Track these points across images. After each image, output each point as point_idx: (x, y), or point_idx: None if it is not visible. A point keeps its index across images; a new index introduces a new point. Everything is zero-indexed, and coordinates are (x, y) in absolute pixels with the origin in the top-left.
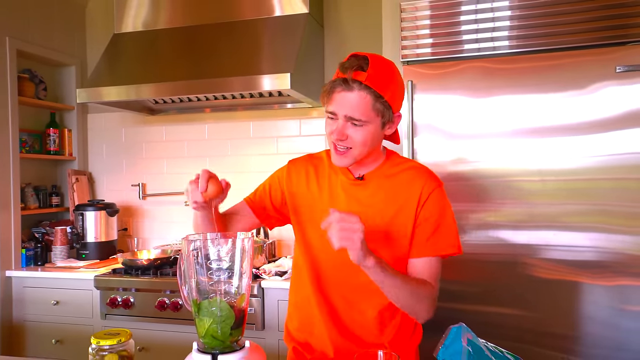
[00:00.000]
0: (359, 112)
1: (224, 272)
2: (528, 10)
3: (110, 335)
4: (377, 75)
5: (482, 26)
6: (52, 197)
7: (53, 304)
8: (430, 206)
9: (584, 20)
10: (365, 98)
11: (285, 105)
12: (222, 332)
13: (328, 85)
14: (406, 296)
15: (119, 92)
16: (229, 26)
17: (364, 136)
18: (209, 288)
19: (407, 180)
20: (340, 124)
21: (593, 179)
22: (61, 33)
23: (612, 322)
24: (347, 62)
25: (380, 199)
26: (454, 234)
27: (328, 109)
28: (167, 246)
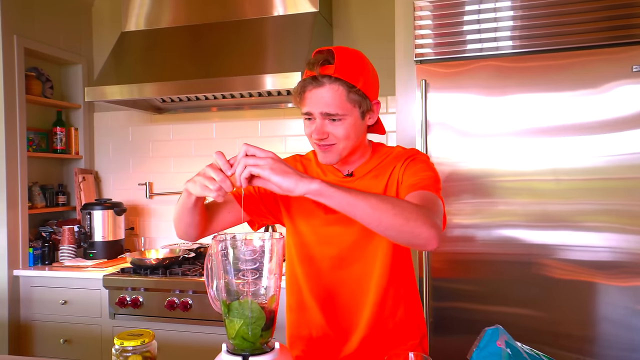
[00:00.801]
0: (334, 107)
1: (253, 272)
2: (543, 9)
3: (134, 336)
4: (345, 65)
5: (497, 25)
6: (59, 196)
7: (61, 303)
8: (413, 161)
9: (600, 19)
10: (337, 90)
11: (289, 104)
12: (253, 334)
13: (298, 86)
14: (385, 212)
15: (127, 91)
16: (238, 24)
17: (346, 129)
18: (239, 289)
19: (392, 161)
20: (319, 123)
21: (608, 179)
22: (68, 31)
23: (627, 322)
24: (313, 59)
25: (370, 187)
26: (438, 185)
27: (303, 110)
28: (174, 245)
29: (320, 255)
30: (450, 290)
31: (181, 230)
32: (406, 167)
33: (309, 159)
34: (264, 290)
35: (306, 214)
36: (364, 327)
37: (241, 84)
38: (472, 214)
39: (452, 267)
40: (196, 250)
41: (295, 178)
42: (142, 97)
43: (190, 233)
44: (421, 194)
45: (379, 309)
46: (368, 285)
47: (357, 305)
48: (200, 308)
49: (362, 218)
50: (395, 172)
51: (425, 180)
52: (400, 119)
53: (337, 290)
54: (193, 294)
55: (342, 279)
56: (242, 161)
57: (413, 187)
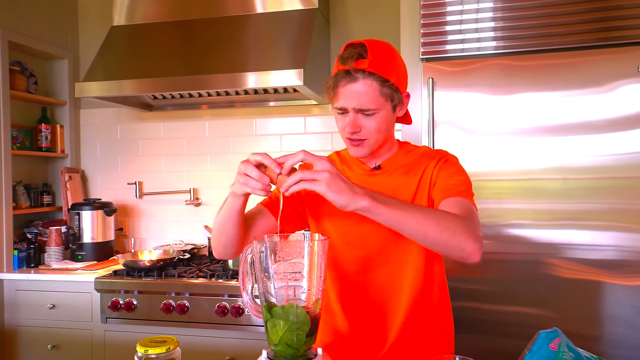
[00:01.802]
0: (367, 102)
1: (296, 275)
2: (549, 8)
3: (157, 343)
4: (378, 59)
5: (504, 24)
6: (44, 196)
7: (49, 307)
8: (447, 164)
9: (607, 19)
10: (371, 86)
11: (287, 102)
12: (298, 340)
13: (331, 81)
14: (431, 227)
15: (119, 87)
16: (232, 20)
17: (378, 124)
18: (281, 292)
19: (423, 160)
20: (352, 117)
21: (615, 178)
22: (53, 25)
23: (633, 321)
24: (346, 53)
25: (400, 183)
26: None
27: (336, 105)
28: (167, 246)
29: (345, 257)
30: (458, 290)
31: (221, 244)
32: (440, 168)
33: (331, 158)
34: (308, 293)
35: (333, 214)
36: (394, 334)
37: (246, 80)
38: (479, 213)
39: (459, 267)
40: (190, 252)
41: (349, 196)
42: (135, 94)
43: (231, 247)
44: (458, 201)
45: (410, 315)
46: (399, 289)
47: (386, 312)
48: (198, 311)
49: (408, 233)
50: (427, 171)
51: (460, 185)
52: None
53: (364, 295)
54: (190, 296)
55: (370, 283)
56: (298, 174)
57: (448, 192)
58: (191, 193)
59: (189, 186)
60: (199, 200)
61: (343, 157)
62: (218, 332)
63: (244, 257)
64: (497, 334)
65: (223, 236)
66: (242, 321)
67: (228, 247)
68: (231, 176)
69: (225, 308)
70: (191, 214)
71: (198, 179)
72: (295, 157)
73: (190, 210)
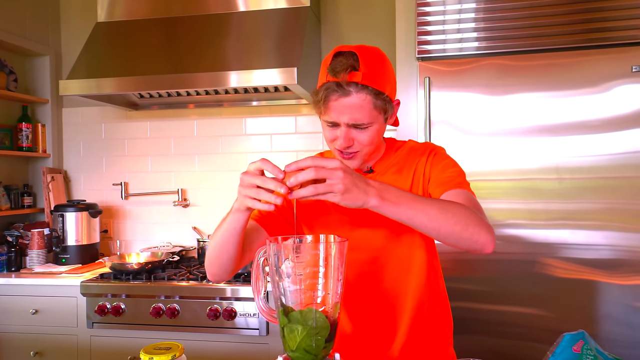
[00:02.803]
0: (361, 116)
1: (314, 278)
2: (545, 8)
3: (162, 350)
4: (371, 70)
5: (499, 24)
6: (24, 197)
7: (31, 312)
8: (439, 157)
9: (600, 20)
10: (365, 99)
11: (277, 101)
12: (317, 346)
13: (322, 94)
14: (444, 220)
15: (107, 85)
16: (228, 17)
17: (371, 137)
18: (297, 296)
19: (412, 155)
20: (344, 132)
21: (609, 177)
22: (34, 20)
23: (628, 320)
24: (336, 64)
25: (394, 183)
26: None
27: (326, 119)
28: (155, 249)
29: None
30: (454, 290)
31: (221, 266)
32: (432, 163)
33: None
34: (326, 297)
35: (329, 224)
36: (403, 333)
37: (238, 79)
38: None
39: (455, 267)
40: (179, 254)
41: (361, 200)
42: (123, 92)
43: (229, 268)
44: (460, 193)
45: (418, 311)
46: (405, 286)
47: (394, 310)
48: (188, 314)
49: (421, 228)
50: (419, 167)
51: (456, 177)
52: (401, 117)
53: (370, 297)
54: (180, 299)
55: (375, 284)
56: (311, 188)
57: (446, 184)
58: (179, 194)
59: (176, 187)
60: (187, 201)
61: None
62: (210, 336)
63: (257, 260)
64: (493, 334)
65: (223, 256)
66: (235, 325)
67: (227, 268)
68: (221, 177)
69: (217, 311)
70: (179, 216)
71: (186, 179)
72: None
73: (178, 212)
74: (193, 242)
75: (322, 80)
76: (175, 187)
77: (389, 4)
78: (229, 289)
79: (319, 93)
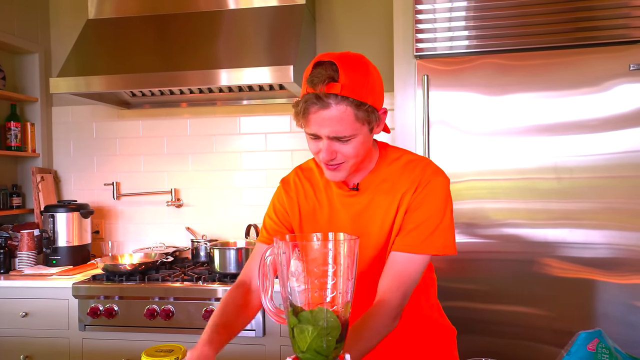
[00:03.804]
0: (342, 129)
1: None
2: (543, 6)
3: (163, 352)
4: (352, 81)
5: (496, 22)
6: (13, 198)
7: (21, 315)
8: (424, 199)
9: (598, 18)
10: (345, 111)
11: (271, 100)
12: (327, 346)
13: (301, 106)
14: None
15: (99, 83)
16: (221, 15)
17: (355, 149)
18: (307, 296)
19: (406, 178)
20: (326, 144)
21: (608, 177)
22: (23, 17)
23: (626, 319)
24: (314, 75)
25: (380, 204)
26: (450, 231)
27: (307, 131)
28: (148, 249)
29: None
30: (453, 290)
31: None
32: (418, 204)
33: (311, 169)
34: (336, 296)
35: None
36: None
37: (233, 77)
38: (473, 213)
39: (453, 267)
40: (173, 254)
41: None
42: (117, 90)
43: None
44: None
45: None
46: None
47: None
48: (183, 316)
49: None
50: (405, 197)
51: (428, 238)
52: (398, 116)
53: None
54: (175, 300)
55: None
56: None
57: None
58: (172, 194)
59: (169, 187)
60: (180, 202)
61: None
62: None
63: (264, 260)
64: (492, 334)
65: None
66: None
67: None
68: (215, 176)
69: (212, 312)
70: (172, 216)
71: (179, 179)
72: None
73: (171, 212)
74: (187, 242)
75: (303, 92)
76: (168, 187)
77: (386, 2)
78: (225, 289)
79: (299, 104)
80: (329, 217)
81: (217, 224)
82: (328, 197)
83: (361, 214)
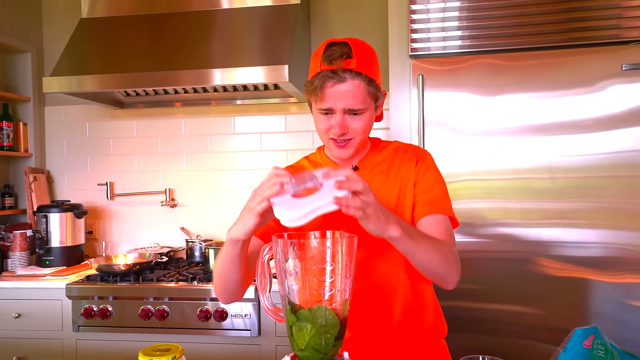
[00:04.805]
0: (356, 102)
1: (322, 274)
2: (537, 7)
3: (161, 352)
4: (364, 59)
5: (490, 22)
6: (5, 198)
7: (14, 317)
8: (427, 169)
9: (592, 18)
10: (359, 86)
11: (266, 99)
12: (326, 344)
13: (318, 81)
14: (437, 260)
15: (92, 82)
16: (215, 14)
17: (364, 124)
18: (305, 294)
19: (399, 157)
20: (339, 118)
21: (601, 176)
22: (15, 16)
23: (620, 318)
24: (330, 52)
25: (380, 184)
26: (450, 201)
27: (321, 106)
28: (142, 249)
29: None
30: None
31: (228, 291)
32: (420, 173)
33: (302, 166)
34: (335, 294)
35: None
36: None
37: (228, 76)
38: (468, 212)
39: None
40: (167, 254)
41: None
42: (110, 89)
43: (239, 291)
44: (442, 221)
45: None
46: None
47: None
48: (178, 316)
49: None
50: (408, 174)
51: (441, 198)
52: (393, 115)
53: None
54: (170, 301)
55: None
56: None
57: (432, 206)
58: (166, 194)
59: (164, 187)
60: (174, 201)
61: (315, 162)
62: (200, 338)
63: (262, 258)
64: (487, 332)
65: (229, 283)
66: (226, 326)
67: (236, 292)
68: (210, 176)
69: (207, 312)
70: (167, 216)
71: (174, 179)
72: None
73: (165, 212)
74: (181, 242)
75: (316, 70)
76: (162, 187)
77: (381, 2)
78: None
79: (314, 82)
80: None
81: (211, 223)
82: None
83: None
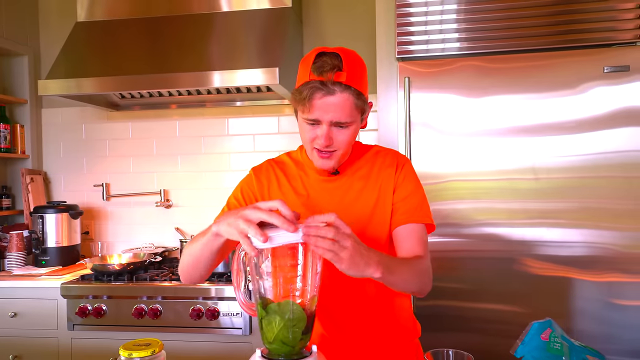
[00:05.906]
0: (344, 115)
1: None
2: (521, 10)
3: (141, 346)
4: (354, 72)
5: (476, 25)
6: (3, 199)
7: (10, 316)
8: (406, 176)
9: (574, 22)
10: (348, 99)
11: (259, 101)
12: (293, 337)
13: (307, 92)
14: (414, 282)
15: (87, 85)
16: (210, 18)
17: (349, 136)
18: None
19: (380, 164)
20: (325, 130)
21: (584, 177)
22: (12, 19)
23: (602, 316)
24: (321, 63)
25: (360, 188)
26: (428, 207)
27: (308, 117)
28: (137, 250)
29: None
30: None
31: (195, 276)
32: (402, 180)
33: (283, 162)
34: (303, 290)
35: None
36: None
37: (222, 79)
38: (454, 212)
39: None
40: (162, 254)
41: (361, 270)
42: (104, 92)
43: (205, 275)
44: (418, 231)
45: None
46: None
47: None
48: (171, 315)
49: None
50: (387, 180)
51: (419, 206)
52: (381, 117)
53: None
54: (163, 300)
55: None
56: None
57: (409, 215)
58: (161, 194)
59: (159, 187)
60: (169, 202)
61: (297, 161)
62: (193, 336)
63: (237, 255)
64: (471, 331)
65: (201, 269)
66: (218, 324)
67: (204, 276)
68: (204, 177)
69: (200, 311)
70: (161, 216)
71: (168, 180)
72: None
73: (160, 212)
74: (176, 242)
75: (304, 79)
76: (157, 188)
77: (370, 6)
78: (213, 288)
79: (302, 91)
80: (306, 204)
81: (205, 224)
82: (305, 186)
83: (342, 198)
